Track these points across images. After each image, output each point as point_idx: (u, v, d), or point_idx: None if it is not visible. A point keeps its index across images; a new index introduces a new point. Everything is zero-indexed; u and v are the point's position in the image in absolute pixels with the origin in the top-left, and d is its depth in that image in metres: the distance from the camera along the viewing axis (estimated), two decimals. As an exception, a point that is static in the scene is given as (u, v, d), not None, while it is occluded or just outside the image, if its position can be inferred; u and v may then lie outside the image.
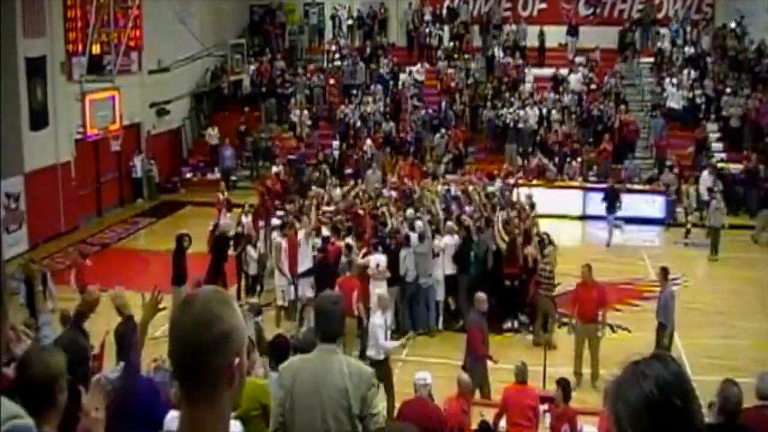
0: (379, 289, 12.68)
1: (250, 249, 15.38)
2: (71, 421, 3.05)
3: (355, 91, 26.71)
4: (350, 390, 3.74)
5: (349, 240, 13.79)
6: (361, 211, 15.57)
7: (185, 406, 1.79)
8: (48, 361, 2.77)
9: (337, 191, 18.08)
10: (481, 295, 11.24)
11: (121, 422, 4.10)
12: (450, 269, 14.21)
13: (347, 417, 3.74)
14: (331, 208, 16.32)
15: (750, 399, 5.79)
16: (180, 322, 1.77)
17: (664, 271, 12.42)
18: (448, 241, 14.17)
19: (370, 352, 11.10)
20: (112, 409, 4.14)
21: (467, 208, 15.75)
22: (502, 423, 9.01)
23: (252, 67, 26.91)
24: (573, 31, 27.24)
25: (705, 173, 21.02)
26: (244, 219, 15.95)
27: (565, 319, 13.90)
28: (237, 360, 1.77)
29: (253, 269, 15.47)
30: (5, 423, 1.62)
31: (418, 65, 27.08)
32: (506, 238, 14.32)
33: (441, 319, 14.33)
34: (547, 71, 26.49)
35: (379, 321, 11.08)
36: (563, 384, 8.88)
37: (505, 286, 14.14)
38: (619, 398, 1.72)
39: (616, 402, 1.72)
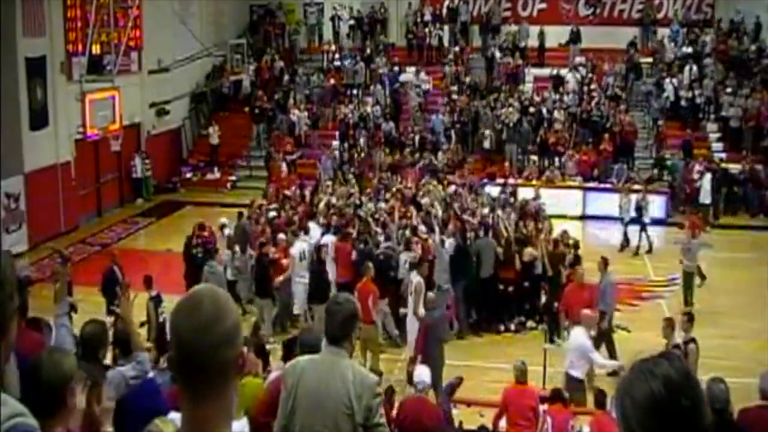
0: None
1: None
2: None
3: (355, 91, 26.73)
4: (353, 397, 3.68)
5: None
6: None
7: (191, 406, 1.80)
8: (59, 363, 2.76)
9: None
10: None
11: (124, 421, 4.10)
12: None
13: (349, 424, 3.68)
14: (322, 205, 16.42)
15: (744, 399, 5.81)
16: (190, 324, 1.77)
17: (604, 261, 13.10)
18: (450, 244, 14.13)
19: (574, 372, 10.50)
20: (117, 406, 4.15)
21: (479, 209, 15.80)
22: (502, 423, 9.00)
23: (252, 67, 26.91)
24: (575, 38, 27.13)
25: (706, 176, 20.99)
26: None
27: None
28: (245, 348, 1.82)
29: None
30: (8, 420, 1.62)
31: (422, 73, 26.89)
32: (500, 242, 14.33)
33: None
34: (547, 71, 26.49)
35: (585, 341, 10.51)
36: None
37: (499, 290, 14.16)
38: (627, 396, 1.72)
39: (623, 400, 1.73)
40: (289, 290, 13.91)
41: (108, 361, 5.62)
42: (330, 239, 14.28)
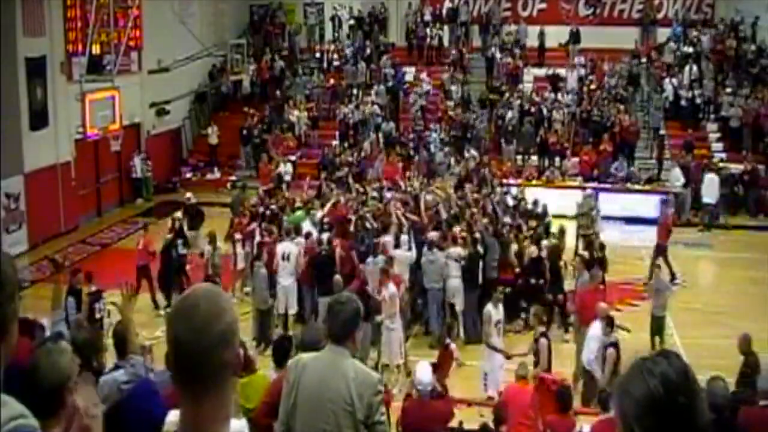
0: None
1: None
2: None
3: (355, 91, 26.73)
4: (354, 395, 3.69)
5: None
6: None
7: (189, 406, 1.80)
8: (57, 363, 2.75)
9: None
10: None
11: (122, 425, 4.08)
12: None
13: (350, 421, 3.69)
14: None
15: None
16: (188, 324, 1.78)
17: (582, 260, 13.43)
18: (456, 252, 13.96)
19: (587, 366, 10.70)
20: (112, 411, 4.13)
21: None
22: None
23: (252, 67, 26.89)
24: (575, 39, 27.11)
25: (707, 176, 20.97)
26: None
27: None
28: (241, 349, 1.83)
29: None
30: (9, 422, 1.61)
31: (424, 74, 26.90)
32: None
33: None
34: (546, 71, 26.50)
35: (595, 336, 10.65)
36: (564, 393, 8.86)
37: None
38: (625, 394, 1.73)
39: (621, 398, 1.73)
40: None
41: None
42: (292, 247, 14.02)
